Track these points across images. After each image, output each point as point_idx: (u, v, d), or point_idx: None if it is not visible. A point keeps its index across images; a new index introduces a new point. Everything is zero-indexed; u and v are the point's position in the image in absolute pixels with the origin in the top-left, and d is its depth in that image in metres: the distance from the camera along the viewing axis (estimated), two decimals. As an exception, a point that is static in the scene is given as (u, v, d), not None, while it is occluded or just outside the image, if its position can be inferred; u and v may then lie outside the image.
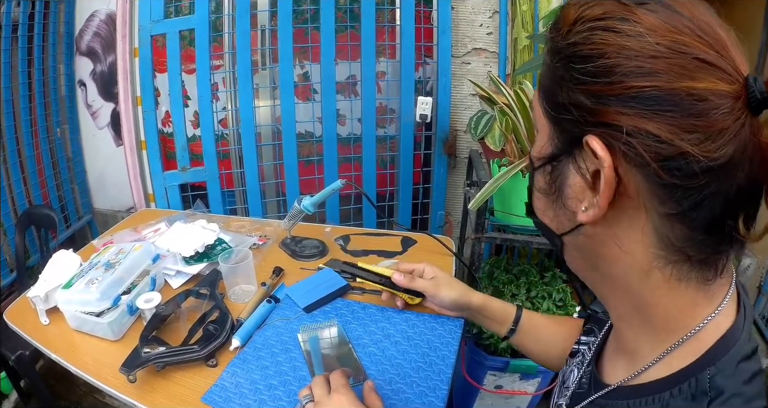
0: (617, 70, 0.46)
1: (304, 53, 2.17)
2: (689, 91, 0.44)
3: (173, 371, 1.18)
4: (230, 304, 1.38)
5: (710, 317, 0.52)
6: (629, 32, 0.46)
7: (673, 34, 0.45)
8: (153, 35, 2.10)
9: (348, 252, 1.65)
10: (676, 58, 0.44)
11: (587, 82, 0.47)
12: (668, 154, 0.45)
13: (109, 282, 1.30)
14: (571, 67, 0.49)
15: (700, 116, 0.44)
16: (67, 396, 2.29)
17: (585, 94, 0.48)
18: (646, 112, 0.45)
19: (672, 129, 0.44)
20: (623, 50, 0.45)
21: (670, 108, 0.44)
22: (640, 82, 0.45)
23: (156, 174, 2.21)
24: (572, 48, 0.49)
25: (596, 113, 0.47)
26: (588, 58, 0.47)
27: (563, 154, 0.53)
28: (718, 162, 0.44)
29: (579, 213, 0.52)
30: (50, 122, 2.56)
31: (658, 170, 0.45)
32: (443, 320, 1.33)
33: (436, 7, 2.09)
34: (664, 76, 0.44)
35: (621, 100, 0.46)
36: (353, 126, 2.23)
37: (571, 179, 0.53)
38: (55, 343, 1.30)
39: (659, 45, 0.45)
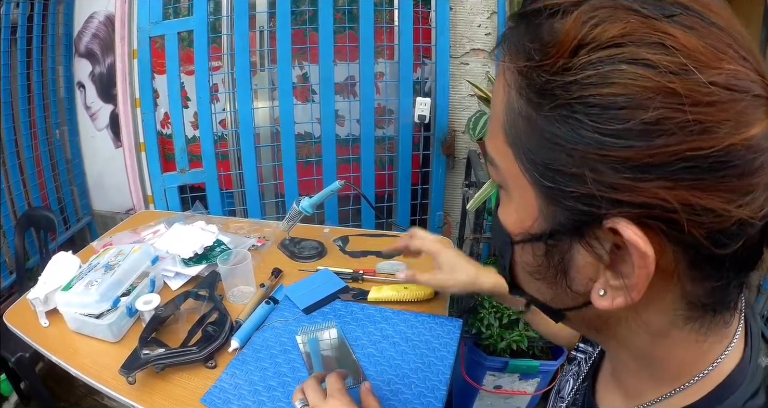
0: (663, 127, 0.32)
1: (303, 54, 2.17)
2: (746, 144, 0.32)
3: (172, 373, 1.18)
4: (229, 305, 1.39)
5: (721, 359, 0.45)
6: (672, 67, 0.32)
7: (722, 64, 0.32)
8: (152, 37, 2.11)
9: (346, 253, 1.65)
10: (734, 102, 0.32)
11: (615, 146, 0.33)
12: (723, 226, 0.34)
13: (108, 284, 1.31)
14: (578, 120, 0.34)
15: (758, 171, 0.33)
16: (67, 398, 2.29)
17: (608, 163, 0.34)
18: (700, 183, 0.33)
19: (729, 197, 0.33)
20: (669, 96, 0.32)
21: (726, 172, 0.33)
22: (693, 144, 0.32)
23: (155, 176, 2.21)
24: (580, 90, 0.34)
25: (628, 190, 0.34)
26: (609, 108, 0.33)
27: (566, 235, 0.39)
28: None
29: (594, 297, 0.40)
30: (49, 124, 2.56)
31: (709, 247, 0.35)
32: (442, 321, 1.33)
33: (434, 8, 2.10)
34: (723, 129, 0.32)
35: (665, 169, 0.33)
36: (352, 127, 2.23)
37: (579, 260, 0.40)
38: (55, 345, 1.30)
39: (714, 85, 0.32)
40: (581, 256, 0.39)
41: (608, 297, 0.39)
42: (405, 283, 1.41)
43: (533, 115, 0.37)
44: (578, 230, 0.38)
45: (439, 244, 1.20)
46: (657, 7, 0.33)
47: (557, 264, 0.42)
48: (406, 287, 1.42)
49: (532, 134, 0.38)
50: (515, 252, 0.46)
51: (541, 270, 0.43)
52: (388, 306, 1.39)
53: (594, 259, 0.38)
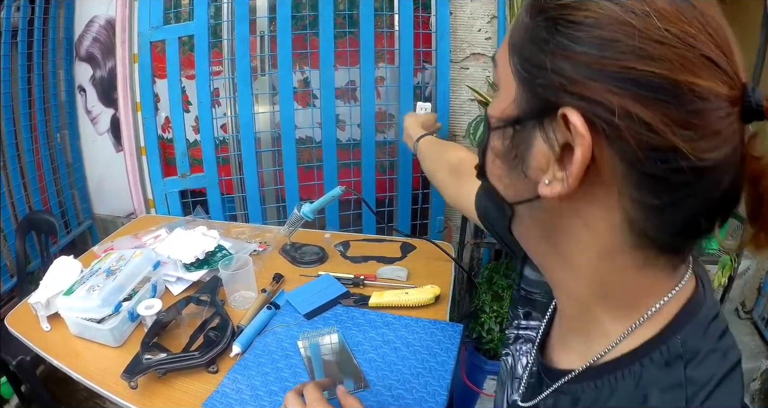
0: (616, 45, 0.42)
1: (304, 59, 2.17)
2: (691, 87, 0.41)
3: (174, 377, 1.19)
4: (231, 310, 1.39)
5: (674, 292, 0.51)
6: (636, 10, 0.41)
7: (682, 24, 0.41)
8: (152, 41, 2.10)
9: (348, 258, 1.66)
10: (683, 50, 0.41)
11: (575, 50, 0.43)
12: (657, 144, 0.42)
13: (110, 289, 1.31)
14: (557, 30, 0.44)
15: (698, 114, 0.41)
16: (68, 401, 2.29)
17: (570, 62, 0.43)
18: (642, 98, 0.41)
19: (667, 120, 0.41)
20: (626, 27, 0.41)
21: (669, 99, 0.41)
22: (641, 65, 0.41)
23: (156, 180, 2.21)
24: (562, 10, 0.44)
25: (580, 85, 0.43)
26: (580, 24, 0.43)
27: (530, 119, 0.48)
28: (707, 163, 0.43)
29: (541, 185, 0.47)
30: (50, 128, 2.55)
31: (642, 158, 0.43)
32: (443, 326, 1.34)
33: (434, 13, 2.09)
34: (668, 64, 0.41)
35: (614, 78, 0.42)
36: (353, 131, 2.23)
37: (535, 148, 0.48)
38: (57, 350, 1.31)
39: (668, 31, 0.41)
40: (538, 144, 0.47)
41: (551, 186, 0.47)
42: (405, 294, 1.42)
43: (530, 24, 0.47)
44: (540, 116, 0.47)
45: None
46: None
47: (518, 147, 0.50)
48: (407, 292, 1.42)
49: (525, 36, 0.48)
50: (491, 138, 0.54)
51: (506, 153, 0.52)
52: (389, 311, 1.40)
53: (547, 149, 0.46)
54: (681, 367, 0.48)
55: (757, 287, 2.49)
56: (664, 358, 0.49)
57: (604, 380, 0.52)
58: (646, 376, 0.49)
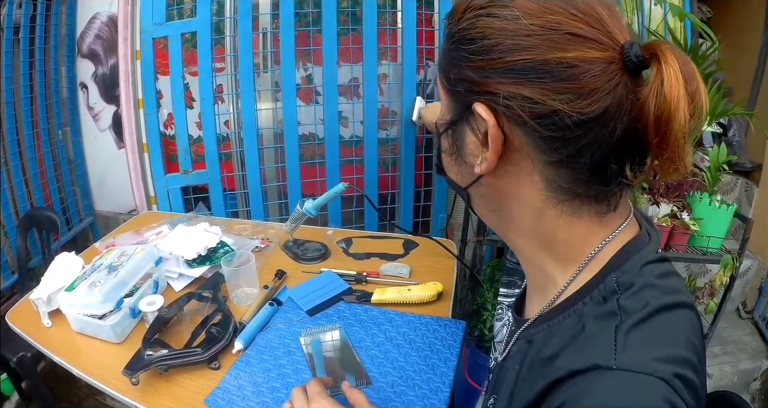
0: (497, 48, 0.54)
1: (307, 56, 2.16)
2: (559, 60, 0.52)
3: (176, 374, 1.18)
4: (233, 306, 1.39)
5: (607, 240, 0.61)
6: (508, 17, 0.54)
7: (546, 15, 0.53)
8: (155, 38, 2.10)
9: (350, 255, 1.65)
10: (548, 34, 0.52)
11: (473, 59, 0.56)
12: (542, 112, 0.53)
13: (111, 285, 1.31)
14: (461, 48, 0.57)
15: (569, 80, 0.52)
16: (69, 398, 2.29)
17: (472, 70, 0.57)
18: (522, 80, 0.53)
19: (544, 92, 0.52)
20: (502, 31, 0.54)
21: (541, 76, 0.52)
22: (515, 57, 0.53)
23: (158, 177, 2.20)
24: (462, 32, 0.57)
25: (481, 84, 0.56)
26: (474, 40, 0.56)
27: (459, 119, 0.61)
28: (590, 115, 0.52)
29: (475, 166, 0.60)
30: (52, 124, 2.55)
31: (534, 125, 0.54)
32: (445, 323, 1.34)
33: (437, 10, 2.09)
34: (536, 50, 0.52)
35: (500, 72, 0.54)
36: (355, 128, 2.22)
37: (467, 139, 0.61)
38: (58, 346, 1.31)
39: (533, 25, 0.52)
40: (468, 136, 0.61)
41: (481, 165, 0.59)
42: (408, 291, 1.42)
43: (445, 46, 0.61)
44: (464, 115, 0.60)
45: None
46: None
47: (457, 142, 0.64)
48: (410, 289, 1.42)
49: (444, 57, 0.62)
50: (441, 142, 0.68)
51: (450, 149, 0.65)
52: (391, 308, 1.40)
53: (475, 138, 0.59)
54: (615, 300, 0.56)
55: (758, 287, 2.49)
56: (602, 294, 0.57)
57: (554, 321, 0.62)
58: (587, 311, 0.58)
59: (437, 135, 0.68)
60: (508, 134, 0.56)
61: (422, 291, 1.41)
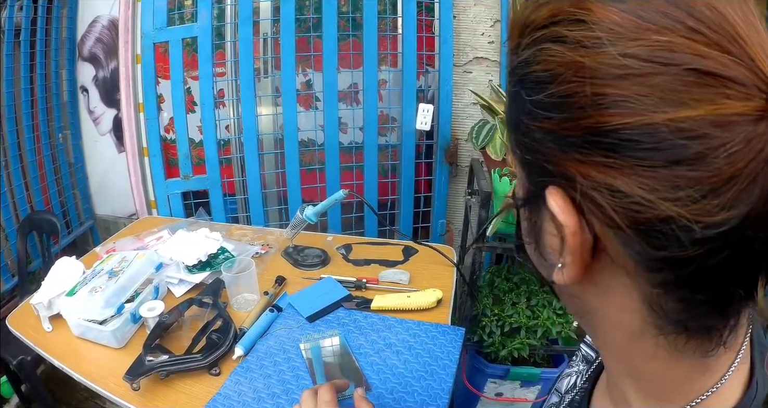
0: (572, 100, 0.33)
1: (307, 61, 2.18)
2: (676, 126, 0.29)
3: (176, 379, 1.19)
4: (233, 312, 1.39)
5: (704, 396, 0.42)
6: (585, 41, 0.32)
7: (649, 35, 0.31)
8: (156, 43, 2.11)
9: (350, 261, 1.66)
10: (655, 75, 0.30)
11: (539, 116, 0.35)
12: (646, 217, 0.32)
13: (112, 290, 1.32)
14: (523, 94, 0.37)
15: (693, 163, 0.30)
16: (68, 401, 2.29)
17: (541, 133, 0.36)
18: (613, 161, 0.32)
19: (649, 184, 0.31)
20: (578, 70, 0.32)
21: (645, 154, 0.30)
22: (601, 118, 0.31)
23: (158, 182, 2.21)
24: (524, 68, 0.37)
25: (555, 160, 0.35)
26: (539, 83, 0.35)
27: (534, 199, 0.40)
28: (722, 228, 0.30)
29: (554, 269, 0.40)
30: (52, 128, 2.56)
31: (633, 236, 0.33)
32: (444, 329, 1.34)
33: (437, 16, 2.11)
34: (636, 105, 0.30)
35: (579, 143, 0.33)
36: (355, 134, 2.24)
37: (547, 229, 0.40)
38: (58, 350, 1.31)
39: (627, 56, 0.31)
40: (547, 226, 0.40)
41: (561, 271, 0.39)
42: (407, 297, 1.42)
43: (509, 89, 0.40)
44: (539, 198, 0.38)
45: None
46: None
47: (535, 229, 0.42)
48: (409, 296, 1.43)
49: (508, 106, 0.41)
50: (519, 216, 0.47)
51: (527, 234, 0.45)
52: (391, 314, 1.40)
53: (555, 231, 0.38)
54: None
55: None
56: None
57: None
58: None
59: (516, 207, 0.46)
60: (599, 237, 0.36)
61: (422, 298, 1.42)
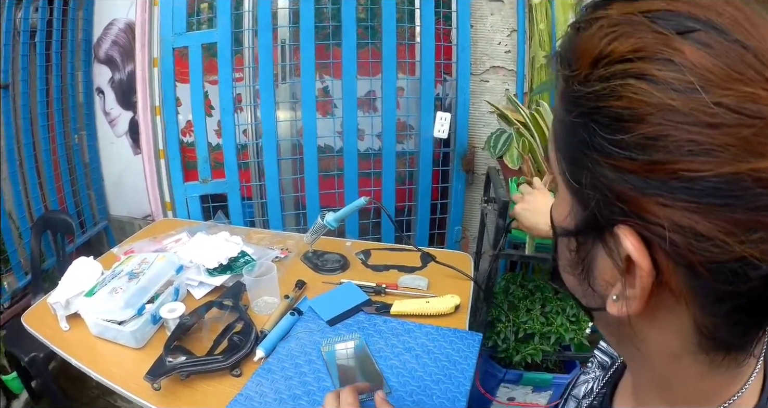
0: (661, 143, 0.33)
1: (325, 68, 2.19)
2: (757, 175, 0.31)
3: (197, 380, 1.19)
4: (254, 315, 1.40)
5: (730, 402, 0.45)
6: (675, 84, 0.32)
7: (737, 85, 0.31)
8: (175, 48, 2.13)
9: (369, 267, 1.67)
10: (743, 127, 0.31)
11: (619, 156, 0.35)
12: (721, 259, 0.33)
13: (133, 291, 1.32)
14: (596, 130, 0.36)
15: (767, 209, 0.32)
16: (80, 398, 2.29)
17: (615, 172, 0.35)
18: (697, 206, 0.33)
19: (728, 229, 0.32)
20: (669, 113, 0.32)
21: (727, 201, 0.32)
22: (691, 164, 0.32)
23: (177, 184, 2.22)
24: (596, 102, 0.36)
25: (629, 200, 0.35)
26: (619, 121, 0.34)
27: (589, 233, 0.41)
28: None
29: (609, 302, 0.41)
30: (68, 129, 2.57)
31: (706, 274, 0.34)
32: (462, 334, 1.35)
33: (455, 25, 2.12)
34: (724, 154, 0.31)
35: (663, 187, 0.33)
36: (373, 141, 2.25)
37: (600, 263, 0.42)
38: (76, 349, 1.32)
39: (720, 106, 0.31)
40: (602, 259, 0.41)
41: (618, 303, 0.40)
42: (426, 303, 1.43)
43: (567, 120, 0.39)
44: (598, 232, 0.40)
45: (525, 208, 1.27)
46: (675, 23, 0.34)
47: (583, 261, 0.43)
48: (428, 301, 1.43)
49: (565, 136, 0.40)
50: (558, 244, 0.47)
51: (572, 265, 0.45)
52: (410, 319, 1.41)
53: (612, 264, 0.39)
54: None
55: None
56: None
57: None
58: None
59: (555, 235, 0.48)
60: (663, 273, 0.37)
61: (440, 303, 1.43)
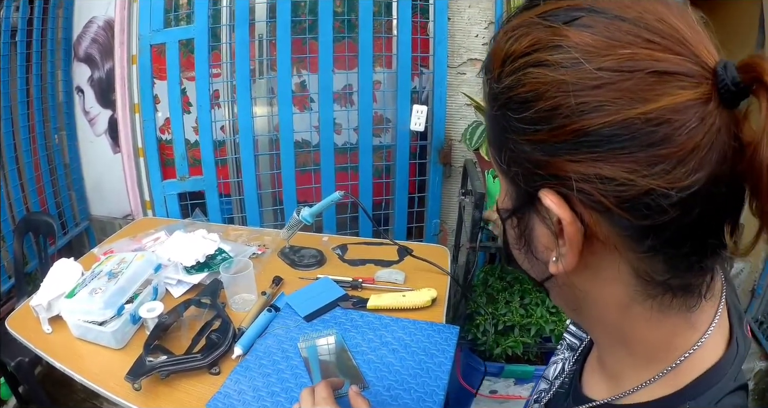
0: (558, 112, 0.39)
1: (302, 62, 2.19)
2: (645, 117, 0.37)
3: (177, 379, 1.21)
4: (231, 313, 1.41)
5: (692, 351, 0.48)
6: (564, 62, 0.39)
7: (615, 50, 0.38)
8: (152, 44, 2.12)
9: (345, 261, 1.68)
10: (624, 81, 0.37)
11: (529, 130, 0.41)
12: (631, 195, 0.39)
13: (112, 291, 1.33)
14: (509, 115, 0.43)
15: (662, 143, 0.37)
16: (66, 402, 2.30)
17: (530, 145, 0.42)
18: (598, 155, 0.38)
19: (630, 167, 0.38)
20: (561, 86, 0.39)
21: (624, 144, 0.38)
22: (585, 122, 0.38)
23: (155, 183, 2.22)
24: (507, 93, 0.43)
25: (544, 165, 0.42)
26: (525, 102, 0.41)
27: (523, 207, 0.47)
28: (694, 187, 0.38)
29: (550, 264, 0.47)
30: (48, 128, 2.55)
31: (622, 213, 0.39)
32: (439, 328, 1.37)
33: (432, 18, 2.12)
34: (612, 107, 0.37)
35: (567, 146, 0.40)
36: (350, 135, 2.25)
37: (537, 230, 0.47)
38: (58, 352, 1.32)
39: (601, 70, 0.38)
40: (539, 227, 0.47)
41: (557, 263, 0.46)
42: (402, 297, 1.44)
43: (490, 114, 0.47)
44: (529, 204, 0.46)
45: None
46: (561, 15, 0.41)
47: (524, 234, 0.50)
48: (404, 295, 1.45)
49: (491, 128, 0.48)
50: (505, 228, 0.53)
51: (517, 242, 0.52)
52: (387, 313, 1.42)
53: (547, 229, 0.46)
54: None
55: (751, 289, 2.52)
56: None
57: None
58: None
59: (502, 221, 0.53)
60: (589, 224, 0.42)
61: (417, 297, 1.44)
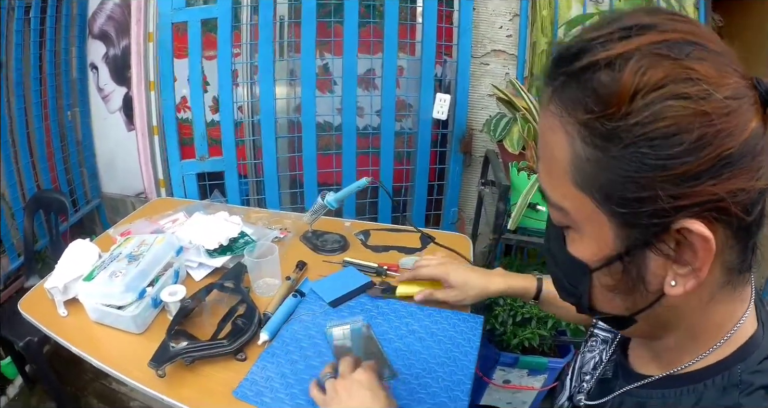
0: (703, 142, 0.42)
1: (325, 45, 2.16)
2: (751, 135, 0.43)
3: (201, 366, 1.17)
4: (255, 297, 1.38)
5: (741, 322, 0.54)
6: (700, 94, 0.42)
7: (726, 80, 0.43)
8: (174, 23, 2.07)
9: (369, 247, 1.66)
10: (741, 107, 0.43)
11: (674, 165, 0.43)
12: (749, 198, 0.45)
13: (133, 275, 1.28)
14: (644, 153, 0.43)
15: (761, 152, 0.44)
16: (74, 382, 2.29)
17: (673, 179, 0.43)
18: (731, 172, 0.43)
19: (750, 175, 0.44)
20: (702, 117, 0.42)
21: (745, 158, 0.43)
22: (724, 147, 0.42)
23: (173, 162, 2.17)
24: (641, 129, 0.43)
25: (690, 195, 0.44)
26: (666, 137, 0.43)
27: (640, 248, 0.48)
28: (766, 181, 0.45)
29: (668, 289, 0.49)
30: (61, 105, 2.52)
31: (743, 216, 0.45)
32: (464, 317, 1.35)
33: (457, 8, 2.10)
34: (738, 130, 0.43)
35: (711, 172, 0.43)
36: (372, 119, 2.23)
37: (651, 265, 0.49)
38: (75, 335, 1.28)
39: (727, 99, 0.42)
40: (653, 261, 0.48)
41: (679, 285, 0.48)
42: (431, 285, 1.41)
43: (601, 158, 0.46)
44: (650, 241, 0.47)
45: (444, 265, 1.33)
46: (678, 49, 0.43)
47: (635, 274, 0.50)
48: (433, 284, 1.42)
49: (603, 174, 0.46)
50: (593, 279, 0.54)
51: (620, 285, 0.52)
52: (412, 302, 1.40)
53: (664, 259, 0.47)
54: (736, 394, 0.51)
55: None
56: (723, 384, 0.52)
57: (670, 391, 0.56)
58: (706, 395, 0.53)
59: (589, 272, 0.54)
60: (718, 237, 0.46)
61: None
